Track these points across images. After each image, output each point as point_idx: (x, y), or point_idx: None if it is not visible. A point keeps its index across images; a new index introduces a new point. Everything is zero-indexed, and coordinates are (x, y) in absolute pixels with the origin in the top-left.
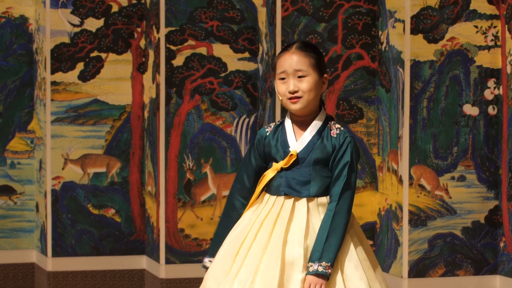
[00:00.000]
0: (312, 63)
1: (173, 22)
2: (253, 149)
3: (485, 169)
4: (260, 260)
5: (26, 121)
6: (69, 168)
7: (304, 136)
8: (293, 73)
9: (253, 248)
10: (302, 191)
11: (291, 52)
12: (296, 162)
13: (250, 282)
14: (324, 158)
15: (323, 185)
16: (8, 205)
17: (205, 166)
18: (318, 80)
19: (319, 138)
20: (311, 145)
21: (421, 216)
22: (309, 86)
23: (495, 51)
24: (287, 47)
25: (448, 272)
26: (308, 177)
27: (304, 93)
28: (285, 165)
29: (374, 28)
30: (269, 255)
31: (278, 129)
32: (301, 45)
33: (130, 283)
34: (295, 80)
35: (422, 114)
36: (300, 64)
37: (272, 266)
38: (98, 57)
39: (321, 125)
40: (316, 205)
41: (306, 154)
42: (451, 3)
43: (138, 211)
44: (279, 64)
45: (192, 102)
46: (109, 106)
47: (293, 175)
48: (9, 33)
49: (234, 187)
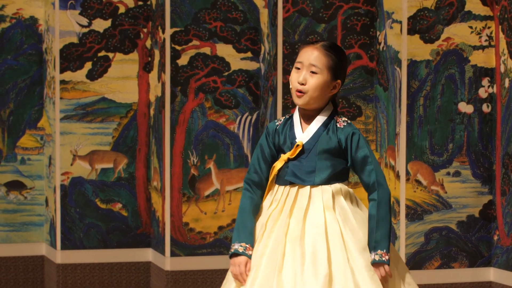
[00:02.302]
0: (329, 64)
1: (178, 23)
2: (266, 141)
3: (480, 165)
4: (266, 244)
5: (36, 119)
6: (77, 164)
7: (310, 128)
8: (308, 66)
9: (264, 236)
10: (306, 180)
11: (314, 46)
12: (302, 152)
13: (256, 265)
14: (330, 149)
15: (327, 174)
16: (18, 199)
17: (209, 162)
18: (328, 82)
19: (324, 130)
20: (316, 136)
21: (418, 210)
22: (316, 84)
23: (489, 51)
24: (315, 41)
25: (444, 265)
26: (313, 166)
27: (309, 89)
28: (291, 155)
29: (372, 29)
30: (275, 238)
31: (287, 122)
32: (327, 44)
33: (137, 275)
34: (307, 73)
35: (419, 112)
36: (317, 60)
37: (277, 249)
38: (105, 57)
39: (327, 118)
40: (320, 191)
41: (311, 144)
42: (447, 5)
43: (144, 205)
44: (300, 54)
45: (197, 100)
46: (116, 104)
47: (299, 165)
48: (19, 34)
49: (248, 176)
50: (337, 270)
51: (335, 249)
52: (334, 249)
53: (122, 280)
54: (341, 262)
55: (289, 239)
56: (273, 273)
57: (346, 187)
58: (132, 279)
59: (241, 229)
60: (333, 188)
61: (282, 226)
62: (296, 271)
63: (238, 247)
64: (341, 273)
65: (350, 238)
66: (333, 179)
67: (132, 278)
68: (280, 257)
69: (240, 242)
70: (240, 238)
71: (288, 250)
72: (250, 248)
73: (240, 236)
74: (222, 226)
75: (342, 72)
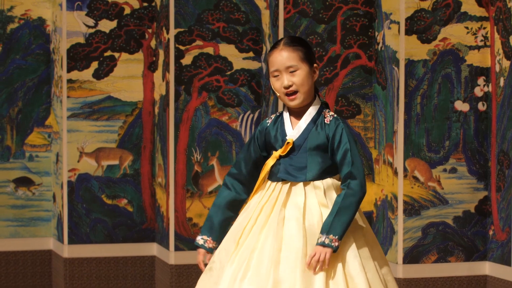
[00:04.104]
0: (301, 56)
1: (182, 23)
2: (254, 140)
3: (475, 162)
4: (257, 239)
5: (43, 117)
6: (84, 161)
7: (300, 125)
8: (285, 69)
9: (253, 231)
10: (298, 176)
11: (279, 49)
12: (293, 149)
13: (248, 259)
14: (319, 145)
15: (318, 170)
16: (27, 195)
17: (212, 159)
18: (309, 71)
19: (313, 126)
20: (306, 132)
21: (415, 206)
22: (301, 79)
23: (484, 50)
24: (275, 45)
25: (441, 259)
26: (304, 163)
27: (298, 87)
28: (282, 152)
29: (370, 29)
30: (266, 233)
31: (278, 119)
32: (288, 40)
33: (142, 269)
34: (288, 75)
35: (416, 110)
36: (290, 59)
37: (268, 243)
38: (111, 57)
39: (315, 114)
40: (312, 188)
41: (301, 141)
42: (443, 6)
43: (149, 201)
44: (271, 62)
45: (200, 98)
46: (121, 102)
47: (291, 161)
48: (28, 34)
49: (230, 171)
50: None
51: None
52: None
53: (128, 273)
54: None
55: (285, 236)
56: (268, 268)
57: (336, 181)
58: (137, 273)
59: (206, 223)
60: (324, 183)
61: (274, 222)
62: (292, 267)
63: (199, 240)
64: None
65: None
66: (325, 174)
67: (137, 271)
68: (276, 254)
69: (202, 235)
70: (203, 231)
71: (284, 246)
72: (210, 241)
73: (204, 229)
74: None
75: (313, 55)
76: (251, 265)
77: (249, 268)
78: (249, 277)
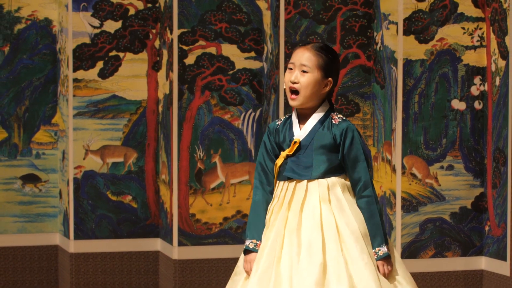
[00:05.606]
0: (319, 63)
1: (185, 24)
2: (268, 141)
3: (472, 159)
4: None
5: (50, 115)
6: (89, 158)
7: (307, 125)
8: (299, 66)
9: (266, 235)
10: (303, 174)
11: (306, 48)
12: (300, 148)
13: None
14: (325, 144)
15: (324, 168)
16: (33, 192)
17: (215, 157)
18: (319, 80)
19: (320, 126)
20: (313, 133)
21: (413, 202)
22: (307, 82)
23: (480, 50)
24: (306, 43)
25: (438, 254)
26: (310, 162)
27: (301, 88)
28: (289, 152)
29: (369, 30)
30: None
31: (287, 121)
32: (318, 45)
33: (146, 264)
34: (298, 73)
35: (414, 109)
36: (307, 60)
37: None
38: (116, 56)
39: (323, 115)
40: (316, 185)
41: (308, 141)
42: (441, 7)
43: (153, 197)
44: (292, 55)
45: (203, 97)
46: (126, 101)
47: (297, 161)
48: (34, 34)
49: (256, 175)
50: (331, 259)
51: (330, 240)
52: (328, 240)
53: (132, 268)
54: (335, 252)
55: (287, 231)
56: (272, 264)
57: (342, 180)
58: (141, 268)
59: (252, 226)
60: (329, 181)
61: (281, 219)
62: (293, 261)
63: (249, 244)
64: (335, 262)
65: (344, 229)
66: (330, 172)
67: (141, 266)
68: (278, 249)
69: (251, 238)
70: (252, 235)
71: (286, 241)
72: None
73: (251, 233)
74: (227, 217)
75: (333, 70)
76: (261, 263)
77: (258, 267)
78: (258, 274)
